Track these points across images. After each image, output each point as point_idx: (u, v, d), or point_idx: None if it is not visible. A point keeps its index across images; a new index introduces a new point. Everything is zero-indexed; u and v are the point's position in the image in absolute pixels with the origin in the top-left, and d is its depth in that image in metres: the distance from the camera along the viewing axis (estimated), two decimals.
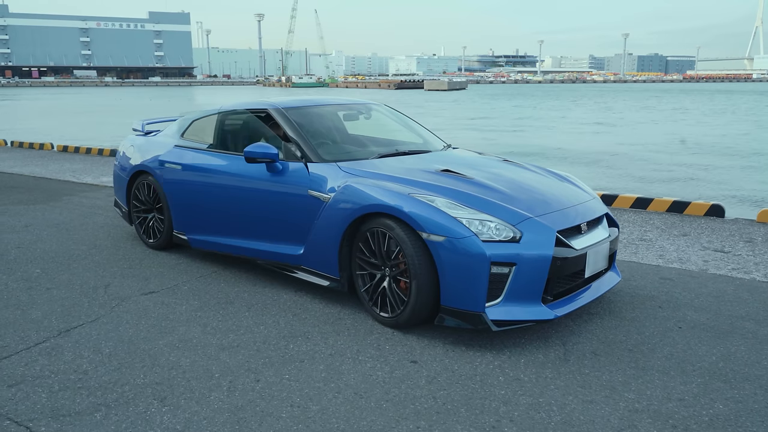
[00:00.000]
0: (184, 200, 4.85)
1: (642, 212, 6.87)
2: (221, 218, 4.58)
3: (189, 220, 4.86)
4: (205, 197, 4.65)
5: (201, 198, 4.69)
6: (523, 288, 3.33)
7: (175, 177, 4.89)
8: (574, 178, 4.40)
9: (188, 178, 4.78)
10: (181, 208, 4.89)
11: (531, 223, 3.44)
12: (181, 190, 4.85)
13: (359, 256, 3.75)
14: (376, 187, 3.68)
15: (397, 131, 5.05)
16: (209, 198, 4.62)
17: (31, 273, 4.64)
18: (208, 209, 4.65)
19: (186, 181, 4.80)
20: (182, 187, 4.83)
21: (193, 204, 4.77)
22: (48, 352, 3.28)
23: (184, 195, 4.84)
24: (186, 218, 4.89)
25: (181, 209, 4.90)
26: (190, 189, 4.77)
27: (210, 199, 4.62)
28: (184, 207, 4.87)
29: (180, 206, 4.90)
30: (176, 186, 4.88)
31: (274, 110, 4.52)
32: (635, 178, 12.38)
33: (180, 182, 4.85)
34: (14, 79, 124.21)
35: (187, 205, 4.84)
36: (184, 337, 3.49)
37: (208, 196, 4.62)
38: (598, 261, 3.70)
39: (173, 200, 4.95)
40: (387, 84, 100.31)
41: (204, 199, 4.67)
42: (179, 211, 4.92)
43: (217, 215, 4.60)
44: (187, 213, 4.86)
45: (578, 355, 3.29)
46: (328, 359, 3.23)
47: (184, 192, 4.83)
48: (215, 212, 4.61)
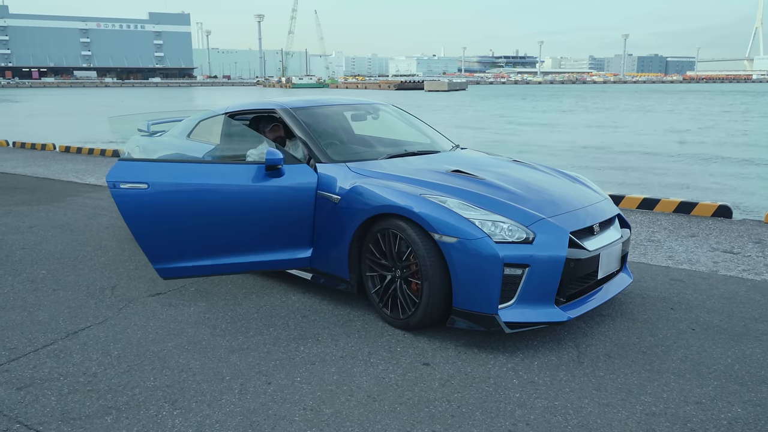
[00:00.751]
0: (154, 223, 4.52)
1: (649, 213, 6.84)
2: (211, 236, 3.92)
3: (160, 246, 4.56)
4: (198, 217, 4.33)
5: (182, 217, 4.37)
6: (536, 290, 3.30)
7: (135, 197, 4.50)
8: (584, 179, 4.37)
9: (158, 197, 4.05)
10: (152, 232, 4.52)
11: (544, 224, 3.40)
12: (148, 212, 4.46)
13: (369, 258, 3.71)
14: (386, 187, 3.65)
15: (404, 131, 5.01)
16: (193, 215, 4.21)
17: (36, 274, 4.61)
18: (193, 228, 4.26)
19: (153, 201, 4.24)
20: (149, 208, 4.35)
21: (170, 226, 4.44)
22: (56, 355, 3.25)
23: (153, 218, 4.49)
24: (158, 244, 4.61)
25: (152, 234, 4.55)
26: (163, 209, 4.32)
27: (208, 218, 4.24)
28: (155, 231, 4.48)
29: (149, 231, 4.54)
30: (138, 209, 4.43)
31: (282, 110, 4.48)
32: None
33: (144, 203, 4.28)
34: (14, 80, 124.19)
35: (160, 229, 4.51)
36: (193, 340, 3.46)
37: (193, 212, 4.25)
38: (610, 262, 3.67)
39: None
40: (387, 85, 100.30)
41: (198, 220, 4.37)
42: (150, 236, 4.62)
43: (207, 233, 4.12)
44: (160, 237, 4.55)
45: (592, 357, 3.26)
46: (339, 361, 3.20)
47: (152, 214, 4.45)
48: (203, 230, 4.18)
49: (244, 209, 3.84)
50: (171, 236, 3.81)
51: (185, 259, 3.88)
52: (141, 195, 3.75)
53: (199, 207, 3.80)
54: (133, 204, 3.74)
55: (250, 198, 3.85)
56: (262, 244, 3.93)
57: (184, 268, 3.89)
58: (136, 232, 3.80)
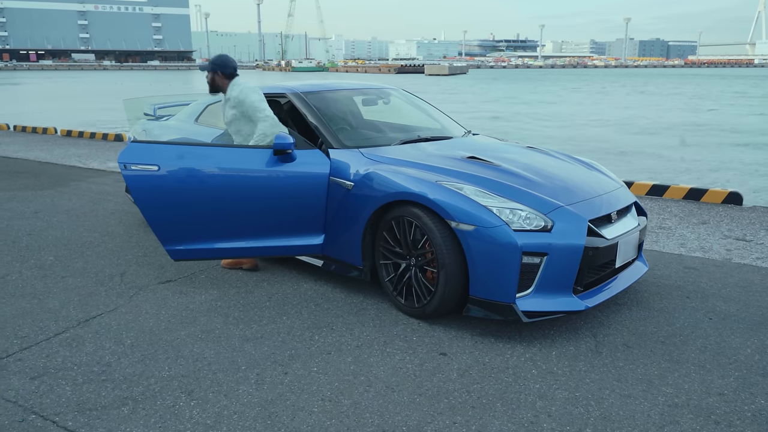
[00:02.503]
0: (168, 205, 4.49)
1: (658, 199, 6.78)
2: (219, 219, 3.94)
3: (170, 228, 4.55)
4: (197, 198, 4.32)
5: (191, 200, 4.35)
6: (554, 278, 3.25)
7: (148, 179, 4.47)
8: (599, 166, 4.31)
9: (168, 179, 4.18)
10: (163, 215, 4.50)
11: (562, 212, 3.35)
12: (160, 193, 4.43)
13: (383, 245, 3.66)
14: (401, 174, 3.59)
15: (415, 117, 4.94)
16: (203, 197, 4.21)
17: (44, 260, 4.56)
18: (201, 211, 4.24)
19: (165, 183, 4.23)
20: (160, 190, 4.35)
21: (181, 208, 4.43)
22: (69, 343, 3.21)
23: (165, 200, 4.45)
24: (167, 226, 4.59)
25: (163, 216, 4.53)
26: (176, 191, 4.34)
27: (203, 198, 4.23)
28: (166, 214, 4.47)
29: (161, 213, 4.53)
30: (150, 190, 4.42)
31: (293, 95, 4.41)
32: None
33: (155, 185, 4.27)
34: (12, 63, 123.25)
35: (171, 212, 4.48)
36: (206, 328, 3.42)
37: (202, 195, 4.26)
38: (628, 250, 3.62)
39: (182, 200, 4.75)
40: (387, 68, 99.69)
41: (193, 200, 4.34)
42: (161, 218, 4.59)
43: (215, 216, 4.13)
44: (171, 219, 4.52)
45: (610, 347, 3.22)
46: (355, 351, 3.16)
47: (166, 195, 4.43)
48: (211, 213, 4.16)
49: (254, 194, 3.82)
50: (181, 218, 3.83)
51: (195, 241, 3.90)
52: (151, 177, 3.77)
53: (208, 190, 3.80)
54: (144, 185, 3.76)
55: (260, 182, 3.82)
56: (272, 229, 3.91)
57: (194, 250, 3.91)
58: (147, 213, 3.82)
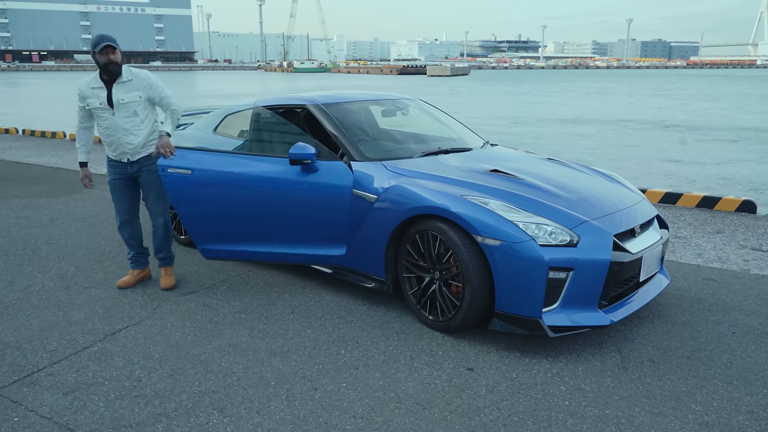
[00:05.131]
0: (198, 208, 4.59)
1: (672, 207, 6.79)
2: (247, 223, 4.22)
3: (202, 229, 4.65)
4: (227, 202, 4.42)
5: (222, 203, 4.45)
6: (580, 293, 3.27)
7: (182, 181, 4.58)
8: (620, 177, 4.32)
9: (200, 183, 4.25)
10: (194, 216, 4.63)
11: (588, 226, 3.36)
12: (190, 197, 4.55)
13: (407, 259, 3.68)
14: (425, 188, 3.60)
15: (434, 127, 4.95)
16: (232, 202, 4.35)
17: (65, 271, 4.58)
18: (230, 215, 4.40)
19: (198, 186, 4.32)
20: (191, 193, 4.49)
21: (211, 210, 4.55)
22: (97, 357, 3.23)
23: (196, 202, 4.56)
24: (199, 227, 4.69)
25: (195, 218, 4.64)
26: (206, 195, 4.46)
27: (232, 203, 4.35)
28: (197, 215, 4.60)
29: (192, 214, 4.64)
30: (182, 192, 4.56)
31: (314, 106, 4.42)
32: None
33: (186, 188, 4.33)
34: (14, 63, 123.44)
35: (201, 213, 4.60)
36: (232, 342, 3.43)
37: (232, 200, 4.38)
38: (651, 264, 3.64)
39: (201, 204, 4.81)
40: (389, 69, 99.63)
41: (223, 205, 4.44)
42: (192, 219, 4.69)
43: (244, 220, 4.38)
44: (202, 221, 4.62)
45: (636, 362, 3.23)
46: (382, 366, 3.18)
47: (197, 199, 4.54)
48: (240, 217, 4.39)
49: (278, 202, 4.02)
50: (210, 220, 4.21)
51: (223, 243, 4.26)
52: (185, 179, 4.17)
53: (235, 196, 4.11)
54: (178, 187, 4.19)
55: (284, 191, 4.00)
56: (296, 238, 4.09)
57: (223, 251, 4.28)
58: (181, 213, 4.27)
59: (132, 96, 3.99)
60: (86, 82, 4.00)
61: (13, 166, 9.43)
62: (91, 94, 3.98)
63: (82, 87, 4.00)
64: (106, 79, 3.96)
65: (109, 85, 3.96)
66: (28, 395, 2.86)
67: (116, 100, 3.96)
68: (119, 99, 3.97)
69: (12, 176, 8.55)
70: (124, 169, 4.15)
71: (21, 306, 3.91)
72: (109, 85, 3.96)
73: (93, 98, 3.98)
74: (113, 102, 3.96)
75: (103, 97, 3.97)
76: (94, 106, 3.99)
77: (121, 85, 3.98)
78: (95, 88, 3.98)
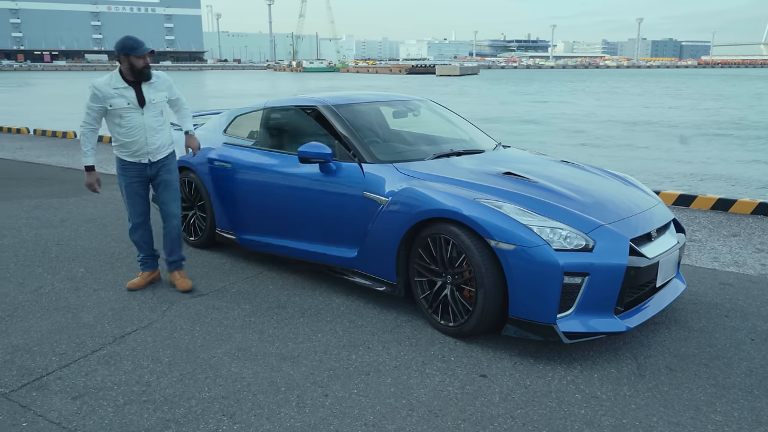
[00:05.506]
0: (230, 198, 4.73)
1: (686, 210, 6.70)
2: (270, 218, 4.47)
3: (235, 219, 4.75)
4: (255, 196, 4.53)
5: (249, 197, 4.57)
6: (595, 299, 3.20)
7: (220, 174, 4.77)
8: (634, 180, 4.25)
9: (235, 176, 4.65)
10: (227, 206, 4.78)
11: (603, 231, 3.30)
12: (226, 188, 4.73)
13: (418, 262, 3.63)
14: (437, 190, 3.55)
15: (445, 128, 4.90)
16: (259, 197, 4.50)
17: (75, 272, 4.56)
18: (257, 208, 4.54)
19: (233, 179, 4.67)
20: (228, 184, 4.71)
21: (241, 203, 4.65)
22: (106, 361, 3.20)
23: (230, 193, 4.72)
24: (232, 217, 4.78)
25: (227, 207, 4.79)
26: (238, 187, 4.65)
27: (259, 198, 4.50)
28: (230, 205, 4.76)
29: (225, 204, 4.78)
30: (221, 183, 4.76)
31: (324, 107, 4.38)
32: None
33: (226, 180, 4.72)
34: (26, 63, 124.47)
35: (233, 204, 4.72)
36: (242, 346, 3.40)
37: (258, 195, 4.50)
38: (668, 269, 3.57)
39: (217, 198, 4.84)
40: (398, 69, 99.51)
41: (253, 198, 4.55)
42: (224, 209, 4.81)
43: (267, 215, 4.49)
44: (234, 211, 4.74)
45: (652, 370, 3.17)
46: (394, 372, 3.13)
47: (230, 190, 4.71)
48: (264, 211, 4.50)
49: (296, 199, 4.23)
50: (242, 210, 4.62)
51: (253, 233, 4.63)
52: (225, 172, 4.70)
53: (261, 189, 4.45)
54: (219, 178, 4.74)
55: (302, 190, 4.19)
56: (312, 236, 4.22)
57: (254, 241, 4.64)
58: (217, 204, 4.84)
59: (160, 96, 4.03)
60: (105, 83, 3.88)
61: (24, 166, 9.46)
62: (116, 94, 3.88)
63: (101, 87, 3.87)
64: (131, 80, 3.91)
65: (136, 85, 3.93)
66: (36, 399, 2.83)
67: (148, 100, 3.95)
68: (150, 99, 3.96)
69: (23, 176, 8.57)
70: (143, 171, 4.08)
71: (31, 308, 3.90)
72: (136, 85, 3.93)
73: (118, 98, 3.88)
74: (145, 101, 3.94)
75: (131, 96, 3.91)
76: (121, 106, 3.89)
77: (150, 85, 3.98)
78: (119, 89, 3.89)
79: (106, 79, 3.90)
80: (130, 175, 4.08)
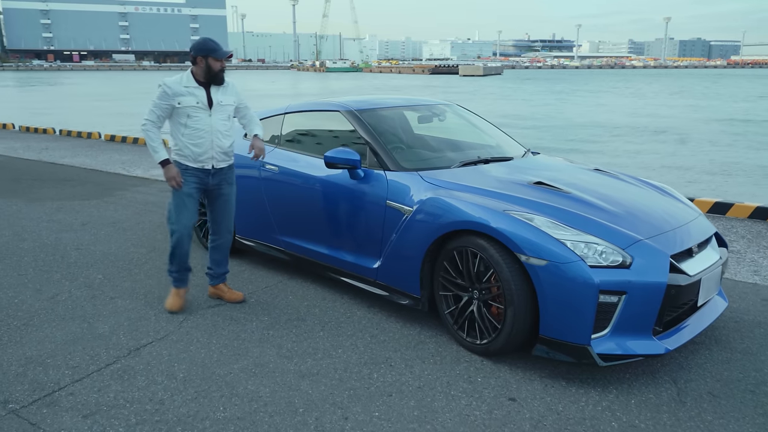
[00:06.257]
0: (251, 203, 4.62)
1: (722, 218, 6.42)
2: (292, 222, 4.35)
3: (256, 224, 4.64)
4: (277, 200, 4.41)
5: (271, 201, 4.45)
6: (632, 319, 3.01)
7: (242, 179, 4.65)
8: (673, 190, 4.03)
9: (257, 179, 4.54)
10: (247, 211, 4.67)
11: (642, 246, 3.10)
12: (247, 192, 4.62)
13: (443, 276, 3.47)
14: (464, 201, 3.38)
15: (472, 134, 4.73)
16: (280, 201, 4.39)
17: (93, 279, 4.49)
18: (279, 213, 4.43)
19: (254, 183, 4.56)
20: (249, 188, 4.60)
21: (263, 207, 4.54)
22: (120, 376, 3.10)
23: (251, 197, 4.61)
24: (253, 222, 4.67)
25: (247, 212, 4.68)
26: (260, 191, 4.53)
27: (282, 202, 4.39)
28: (250, 210, 4.65)
29: (246, 209, 4.67)
30: (241, 188, 4.65)
31: (347, 112, 4.25)
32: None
33: (246, 184, 4.61)
34: (56, 63, 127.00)
35: (255, 209, 4.61)
36: (259, 361, 3.27)
37: (280, 199, 4.39)
38: (710, 287, 3.35)
39: (237, 203, 4.73)
40: (421, 69, 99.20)
41: (275, 203, 4.43)
42: (245, 214, 4.70)
43: (288, 219, 4.37)
44: (255, 216, 4.63)
45: (694, 396, 2.96)
46: (417, 393, 2.97)
47: (251, 194, 4.60)
48: (286, 216, 4.38)
49: (315, 203, 4.16)
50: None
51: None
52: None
53: (284, 194, 4.38)
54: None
55: (332, 195, 4.07)
56: (337, 243, 4.08)
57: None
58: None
59: (229, 100, 3.90)
60: (177, 81, 3.79)
61: (48, 167, 9.51)
62: (186, 92, 3.77)
63: (172, 85, 3.76)
64: (202, 81, 3.81)
65: (206, 86, 3.82)
66: (47, 417, 2.74)
67: (216, 101, 3.83)
68: (219, 101, 3.84)
69: (46, 177, 8.60)
70: (206, 178, 3.87)
71: (46, 316, 3.82)
72: (206, 86, 3.82)
73: (188, 96, 3.77)
74: (213, 102, 3.82)
75: (201, 96, 3.79)
76: (190, 104, 3.77)
77: (220, 88, 3.86)
78: (190, 87, 3.78)
79: (176, 78, 3.81)
80: (191, 181, 3.83)
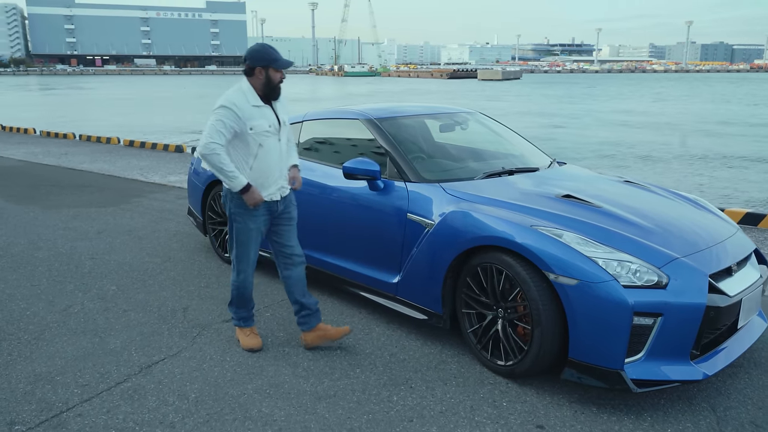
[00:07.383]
0: None
1: (754, 230, 6.18)
2: (309, 234, 4.21)
3: None
4: None
5: None
6: (669, 342, 2.83)
7: None
8: (707, 203, 3.84)
9: None
10: None
11: (678, 265, 2.92)
12: None
13: (466, 293, 3.31)
14: (489, 215, 3.23)
15: (495, 143, 4.57)
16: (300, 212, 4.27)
17: (106, 290, 4.40)
18: None
19: None
20: None
21: None
22: (130, 395, 2.99)
23: None
24: None
25: None
26: None
27: (298, 213, 4.26)
28: None
29: None
30: None
31: (366, 120, 4.12)
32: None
33: None
34: (79, 68, 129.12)
35: None
36: (274, 381, 3.14)
37: None
38: (751, 308, 3.16)
39: None
40: (440, 73, 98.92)
41: None
42: None
43: (305, 231, 4.24)
44: None
45: (735, 425, 2.77)
46: (439, 418, 2.82)
47: None
48: (302, 228, 4.25)
49: (334, 214, 4.03)
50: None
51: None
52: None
53: (315, 203, 4.15)
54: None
55: (341, 205, 3.98)
56: (355, 256, 3.94)
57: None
58: None
59: (286, 116, 3.35)
60: (242, 98, 3.11)
61: (66, 173, 9.51)
62: (258, 115, 3.12)
63: (239, 103, 3.08)
64: (263, 96, 3.19)
65: (268, 102, 3.22)
66: None
67: (282, 121, 3.24)
68: (283, 120, 3.25)
69: (64, 183, 8.59)
70: (274, 209, 3.33)
71: (58, 330, 3.74)
72: (268, 102, 3.22)
73: (261, 120, 3.12)
74: (281, 123, 3.24)
75: (271, 117, 3.17)
76: (263, 129, 3.13)
77: (278, 104, 3.26)
78: (259, 107, 3.14)
79: (239, 94, 3.12)
80: (262, 214, 3.28)
